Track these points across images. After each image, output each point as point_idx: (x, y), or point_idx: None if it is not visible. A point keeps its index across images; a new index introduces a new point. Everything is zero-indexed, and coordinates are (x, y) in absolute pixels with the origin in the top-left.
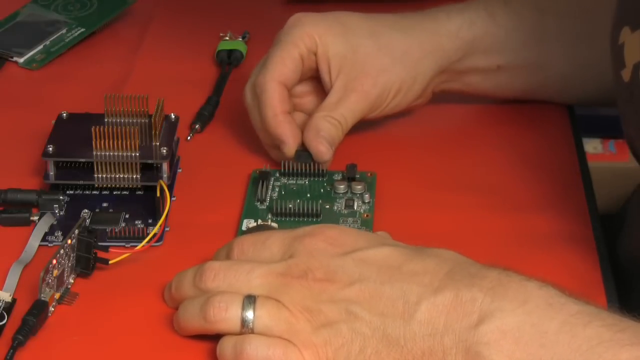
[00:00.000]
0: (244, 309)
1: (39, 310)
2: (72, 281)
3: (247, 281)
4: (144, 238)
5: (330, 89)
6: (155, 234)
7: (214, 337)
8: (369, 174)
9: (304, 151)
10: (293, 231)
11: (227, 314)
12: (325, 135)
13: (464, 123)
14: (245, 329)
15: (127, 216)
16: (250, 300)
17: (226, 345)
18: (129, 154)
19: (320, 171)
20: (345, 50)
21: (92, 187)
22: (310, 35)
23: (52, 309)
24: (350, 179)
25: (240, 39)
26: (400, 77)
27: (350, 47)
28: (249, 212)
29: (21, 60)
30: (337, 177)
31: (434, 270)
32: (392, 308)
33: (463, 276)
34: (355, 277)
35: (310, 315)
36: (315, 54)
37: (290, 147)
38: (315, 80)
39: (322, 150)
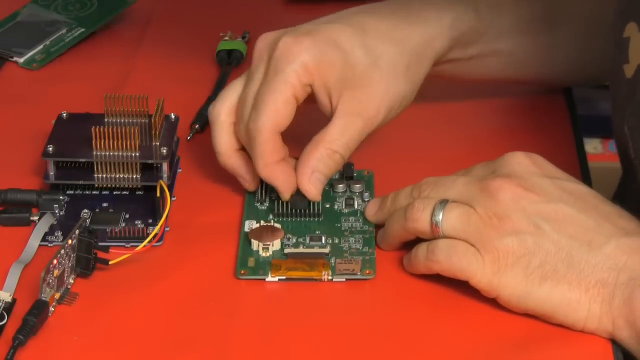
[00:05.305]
0: (435, 211)
1: (39, 310)
2: (72, 281)
3: (451, 188)
4: (144, 238)
5: (332, 116)
6: (155, 234)
7: (213, 339)
8: (365, 172)
9: (298, 196)
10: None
11: (422, 215)
12: (319, 177)
13: (460, 121)
14: (435, 228)
15: (127, 216)
16: (442, 204)
17: (417, 251)
18: (129, 154)
19: None
20: (344, 74)
21: (92, 187)
22: (305, 68)
23: (52, 309)
24: (347, 177)
25: (240, 39)
26: (402, 92)
27: (349, 68)
28: (249, 212)
29: (21, 60)
30: (336, 176)
31: (629, 217)
32: (582, 235)
33: None
34: (553, 197)
35: (499, 222)
36: (312, 86)
37: (285, 195)
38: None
39: (315, 193)
